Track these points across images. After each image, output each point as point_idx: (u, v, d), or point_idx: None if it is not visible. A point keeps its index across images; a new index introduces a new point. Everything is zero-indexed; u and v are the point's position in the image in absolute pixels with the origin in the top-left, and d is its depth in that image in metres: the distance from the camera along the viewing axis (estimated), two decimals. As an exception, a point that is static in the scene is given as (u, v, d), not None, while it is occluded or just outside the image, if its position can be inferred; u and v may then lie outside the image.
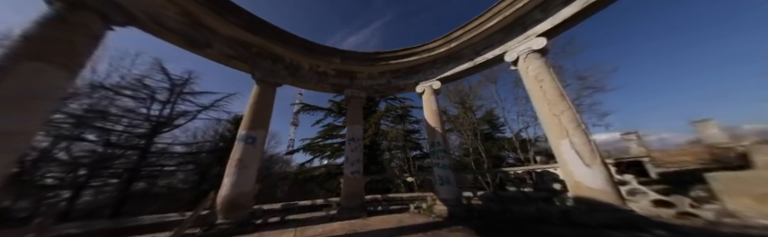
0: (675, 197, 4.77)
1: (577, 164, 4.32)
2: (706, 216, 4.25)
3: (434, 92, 7.65)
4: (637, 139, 12.44)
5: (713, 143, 10.21)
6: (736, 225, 3.76)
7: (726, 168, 6.13)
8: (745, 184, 4.31)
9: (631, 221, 3.78)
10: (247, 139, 5.53)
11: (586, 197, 4.19)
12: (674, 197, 4.79)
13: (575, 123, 4.63)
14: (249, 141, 5.52)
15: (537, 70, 5.37)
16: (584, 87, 14.26)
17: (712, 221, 4.08)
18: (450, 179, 6.17)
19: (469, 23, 6.43)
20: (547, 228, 4.09)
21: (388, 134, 17.38)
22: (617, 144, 16.37)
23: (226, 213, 4.90)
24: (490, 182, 13.97)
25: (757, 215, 3.92)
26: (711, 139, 10.74)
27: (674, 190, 5.08)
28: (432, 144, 7.00)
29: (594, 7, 4.90)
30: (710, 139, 10.77)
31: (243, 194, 5.07)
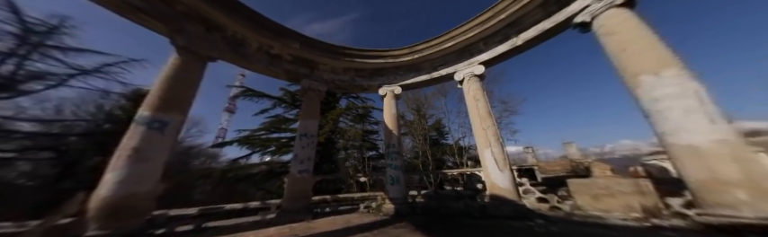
0: (549, 196, 6.20)
1: (494, 169, 5.31)
2: (565, 209, 5.66)
3: (395, 96, 7.86)
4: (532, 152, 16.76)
5: (572, 158, 14.09)
6: (581, 215, 5.15)
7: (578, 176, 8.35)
8: (586, 187, 5.96)
9: (524, 213, 4.77)
10: (153, 123, 4.08)
11: (498, 194, 5.13)
12: (549, 195, 6.22)
13: (496, 136, 5.72)
14: (155, 126, 4.09)
15: (475, 91, 6.40)
16: (504, 109, 17.83)
17: (568, 212, 5.46)
18: (401, 180, 6.39)
19: (431, 40, 7.17)
20: (470, 220, 4.77)
21: (347, 132, 16.64)
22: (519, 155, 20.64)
23: (105, 221, 3.40)
24: (432, 182, 15.01)
25: (592, 208, 5.47)
26: (572, 156, 14.95)
27: (550, 190, 6.59)
28: (387, 146, 7.07)
29: (519, 50, 6.23)
30: (571, 156, 14.97)
31: (135, 195, 3.67)
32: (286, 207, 5.70)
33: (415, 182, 9.41)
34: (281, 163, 13.85)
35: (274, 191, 12.45)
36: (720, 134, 3.05)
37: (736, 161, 2.92)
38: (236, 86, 19.03)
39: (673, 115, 3.38)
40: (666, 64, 3.58)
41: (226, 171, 13.45)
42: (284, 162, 13.74)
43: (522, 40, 5.80)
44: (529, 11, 5.51)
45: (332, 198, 7.99)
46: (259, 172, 13.61)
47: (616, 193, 5.29)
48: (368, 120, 18.38)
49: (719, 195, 2.98)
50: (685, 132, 3.26)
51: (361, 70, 8.15)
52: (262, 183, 13.41)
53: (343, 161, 17.37)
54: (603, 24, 4.40)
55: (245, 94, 14.98)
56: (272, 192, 12.72)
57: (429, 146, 18.40)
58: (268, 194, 12.81)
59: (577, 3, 4.80)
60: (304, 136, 6.64)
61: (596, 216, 4.91)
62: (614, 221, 4.45)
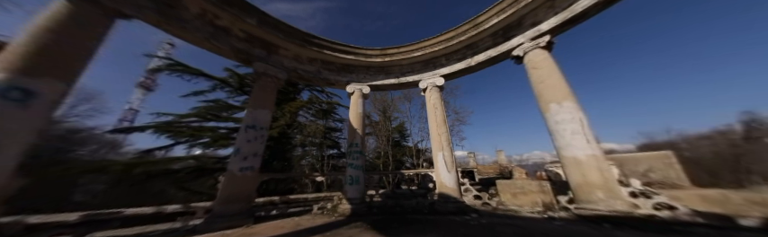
0: (483, 194, 7.22)
1: (444, 170, 5.85)
2: (493, 204, 6.70)
3: (363, 95, 7.58)
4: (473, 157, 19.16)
5: (501, 163, 16.65)
6: (502, 209, 6.18)
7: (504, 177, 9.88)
8: (508, 187, 7.18)
9: (463, 208, 5.45)
10: (10, 92, 2.77)
11: (445, 193, 5.69)
12: (482, 193, 7.25)
13: (448, 142, 6.32)
14: (14, 96, 2.78)
15: (435, 100, 6.94)
16: (456, 119, 19.40)
17: (494, 207, 6.49)
18: (360, 179, 6.25)
19: (402, 47, 7.24)
20: (420, 216, 5.16)
21: (306, 128, 14.86)
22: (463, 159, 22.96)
23: None
24: (391, 182, 15.07)
25: (511, 203, 6.62)
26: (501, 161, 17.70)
27: (483, 189, 7.68)
28: (350, 145, 6.76)
29: (472, 69, 7.06)
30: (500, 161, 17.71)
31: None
32: (219, 211, 4.60)
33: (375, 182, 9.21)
34: (216, 159, 11.05)
35: (205, 192, 9.99)
36: (592, 150, 4.18)
37: (599, 170, 4.05)
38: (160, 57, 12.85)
39: (565, 134, 4.44)
40: (566, 97, 4.69)
41: (131, 166, 9.52)
42: (221, 158, 11.07)
43: (475, 62, 6.64)
44: (482, 38, 6.35)
45: (281, 200, 7.05)
46: (183, 168, 10.34)
47: (527, 192, 6.53)
48: (332, 117, 16.74)
49: (588, 194, 4.06)
50: (571, 147, 4.34)
51: (330, 63, 7.46)
52: (186, 182, 10.28)
53: (299, 158, 15.43)
54: (531, 59, 5.43)
55: (173, 69, 10.83)
56: (200, 193, 10.06)
57: (391, 147, 18.66)
58: (195, 195, 10.02)
59: (516, 39, 5.79)
60: (252, 127, 5.43)
61: (513, 210, 5.99)
62: (524, 213, 5.51)
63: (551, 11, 5.12)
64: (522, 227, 3.98)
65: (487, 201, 6.89)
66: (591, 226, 3.77)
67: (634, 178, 4.92)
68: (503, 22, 5.72)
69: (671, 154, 5.87)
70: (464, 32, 6.29)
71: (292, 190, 12.00)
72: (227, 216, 4.58)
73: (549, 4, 5.13)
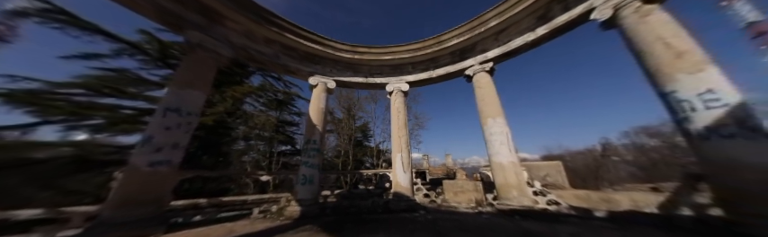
0: (431, 192, 7.79)
1: (400, 170, 6.00)
2: (438, 202, 7.29)
3: (328, 90, 6.86)
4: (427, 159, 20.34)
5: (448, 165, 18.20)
6: (446, 206, 6.74)
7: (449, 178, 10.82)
8: (452, 186, 7.93)
9: (413, 206, 5.56)
10: None
11: (399, 192, 5.81)
12: (431, 192, 7.81)
13: (407, 144, 6.53)
14: None
15: (399, 104, 7.10)
16: (415, 123, 19.95)
17: (439, 204, 7.06)
18: (315, 179, 5.66)
19: (373, 48, 7.00)
20: (374, 215, 5.12)
21: (254, 119, 12.40)
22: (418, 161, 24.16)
23: None
24: (348, 181, 14.20)
25: (453, 201, 7.32)
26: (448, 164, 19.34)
27: (432, 188, 8.28)
28: (307, 142, 6.07)
29: (433, 81, 7.51)
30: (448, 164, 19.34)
31: None
32: (110, 217, 3.38)
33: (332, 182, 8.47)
34: (111, 147, 8.15)
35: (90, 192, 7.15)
36: (512, 158, 5.02)
37: (515, 173, 4.88)
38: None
39: (495, 144, 5.21)
40: (499, 114, 5.51)
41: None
42: (121, 147, 8.20)
43: (436, 74, 7.18)
44: (443, 54, 6.93)
45: (209, 202, 5.56)
46: (53, 159, 7.34)
47: (465, 190, 7.33)
48: (288, 109, 14.55)
49: (506, 192, 4.83)
50: (499, 155, 5.12)
51: (292, 49, 6.36)
52: (57, 178, 7.27)
53: (241, 154, 12.85)
54: (478, 80, 6.19)
55: (49, 17, 7.23)
56: (79, 193, 7.17)
57: (353, 147, 17.68)
58: (69, 196, 7.06)
59: (468, 61, 6.51)
60: (175, 111, 4.10)
61: (453, 207, 6.62)
62: (462, 209, 6.15)
63: (496, 43, 5.98)
64: (459, 221, 4.46)
65: (434, 199, 7.47)
66: (507, 218, 4.46)
67: (536, 180, 6.08)
68: (460, 45, 6.41)
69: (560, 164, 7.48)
70: (429, 46, 6.70)
71: (227, 191, 9.74)
72: (124, 224, 3.34)
73: (494, 37, 5.97)
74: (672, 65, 3.04)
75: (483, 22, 5.69)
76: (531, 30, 5.27)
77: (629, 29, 3.60)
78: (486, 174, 9.02)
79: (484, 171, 9.51)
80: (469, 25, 5.94)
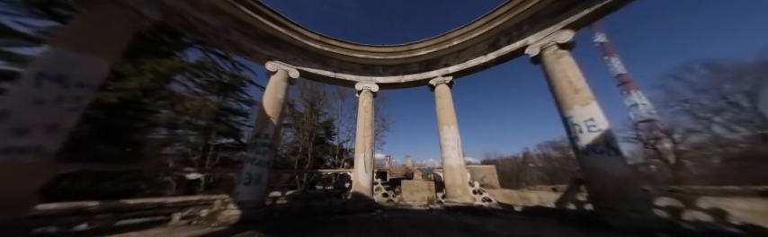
0: (390, 192, 8.16)
1: (362, 170, 5.93)
2: (396, 201, 7.69)
3: (289, 79, 5.95)
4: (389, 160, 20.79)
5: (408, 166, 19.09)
6: (402, 204, 7.17)
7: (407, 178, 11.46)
8: (409, 186, 8.48)
9: (372, 206, 5.62)
10: None
11: (359, 192, 5.74)
12: (389, 191, 8.18)
13: (371, 144, 6.47)
14: None
15: (367, 104, 6.98)
16: (381, 125, 19.40)
17: (396, 203, 7.47)
18: (262, 179, 4.84)
19: (346, 42, 6.57)
20: (330, 217, 4.86)
21: (186, 102, 9.96)
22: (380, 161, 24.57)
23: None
24: (304, 181, 13.07)
25: (409, 199, 7.83)
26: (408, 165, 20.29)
27: (391, 188, 8.66)
28: (257, 135, 5.04)
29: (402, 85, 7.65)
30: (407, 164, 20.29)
31: None
32: None
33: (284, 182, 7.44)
34: None
35: None
36: (460, 161, 5.70)
37: (461, 175, 5.56)
38: None
39: (448, 149, 5.84)
40: (453, 122, 6.17)
41: None
42: None
43: (405, 80, 7.42)
44: (412, 63, 7.25)
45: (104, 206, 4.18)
46: None
47: (420, 190, 7.93)
48: (236, 96, 12.21)
49: (453, 191, 5.46)
50: (450, 158, 5.74)
51: (248, 26, 5.33)
52: None
53: (161, 144, 10.10)
54: (439, 91, 6.75)
55: None
56: None
57: (313, 144, 16.04)
58: None
59: (433, 72, 7.03)
60: (56, 80, 3.00)
61: (408, 205, 7.09)
62: (416, 207, 6.64)
63: (456, 60, 6.63)
64: (412, 218, 4.77)
65: (392, 198, 7.85)
66: (451, 214, 5.02)
67: (476, 181, 7.02)
68: (428, 56, 6.82)
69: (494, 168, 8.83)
70: (400, 52, 6.83)
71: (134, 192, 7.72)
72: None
73: (455, 55, 6.62)
74: (571, 98, 3.99)
75: (448, 40, 6.24)
76: (483, 54, 6.05)
77: (548, 66, 4.55)
78: (439, 175, 9.86)
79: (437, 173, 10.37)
80: (436, 40, 6.42)
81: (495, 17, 5.36)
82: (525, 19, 5.12)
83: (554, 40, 4.55)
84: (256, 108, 7.79)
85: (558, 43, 4.50)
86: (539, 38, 4.88)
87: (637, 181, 3.60)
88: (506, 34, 5.56)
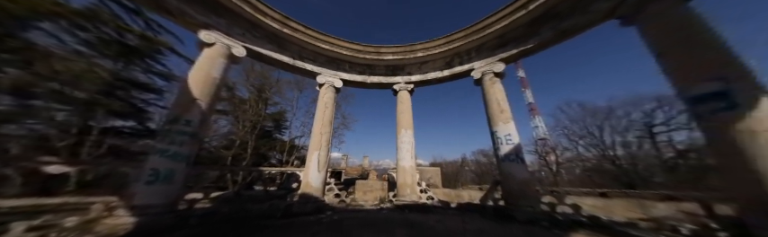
0: (342, 192, 8.07)
1: (314, 170, 5.46)
2: (348, 201, 7.67)
3: (231, 56, 4.83)
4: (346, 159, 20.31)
5: (364, 166, 19.22)
6: (354, 205, 7.25)
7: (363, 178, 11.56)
8: (363, 186, 8.61)
9: (321, 208, 5.29)
10: None
11: (308, 193, 5.29)
12: (342, 192, 8.07)
13: (327, 142, 6.00)
14: None
15: (329, 99, 6.45)
16: (342, 123, 18.44)
17: (348, 203, 7.47)
18: (175, 176, 3.68)
19: (312, 30, 5.93)
20: (268, 221, 4.18)
21: (56, 63, 7.07)
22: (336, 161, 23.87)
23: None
24: (239, 181, 11.07)
25: (361, 199, 7.93)
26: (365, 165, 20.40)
27: (345, 188, 8.57)
28: (175, 120, 3.88)
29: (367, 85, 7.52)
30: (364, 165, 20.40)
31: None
32: None
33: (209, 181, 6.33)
34: None
35: None
36: (412, 163, 6.15)
37: (412, 175, 6.01)
38: None
39: (403, 151, 6.22)
40: (410, 127, 6.60)
41: None
42: None
43: (370, 81, 7.36)
44: (379, 65, 7.30)
45: None
46: None
47: (374, 189, 8.14)
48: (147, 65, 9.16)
49: (403, 191, 5.85)
50: (404, 160, 6.13)
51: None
52: None
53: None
54: (401, 96, 7.10)
55: None
56: None
57: (256, 137, 13.35)
58: None
59: (397, 78, 7.30)
60: None
61: (360, 205, 7.20)
62: (368, 207, 6.80)
63: (419, 70, 7.10)
64: (362, 218, 4.78)
65: (344, 199, 7.80)
66: (400, 212, 5.36)
67: (423, 181, 7.70)
68: (394, 61, 7.01)
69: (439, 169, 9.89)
70: (369, 52, 6.72)
71: None
72: None
73: (418, 66, 7.07)
74: (498, 116, 4.91)
75: (413, 50, 6.61)
76: (440, 70, 6.69)
77: (485, 88, 5.48)
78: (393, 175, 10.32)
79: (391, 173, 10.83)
80: (403, 48, 6.68)
81: (452, 39, 6.05)
82: (474, 47, 5.99)
83: (492, 69, 5.50)
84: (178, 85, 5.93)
85: (494, 72, 5.46)
86: (482, 64, 5.80)
87: (533, 184, 4.69)
88: (459, 56, 6.35)
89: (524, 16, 4.80)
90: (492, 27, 5.33)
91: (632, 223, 3.88)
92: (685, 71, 2.98)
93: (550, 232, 3.51)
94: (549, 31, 4.70)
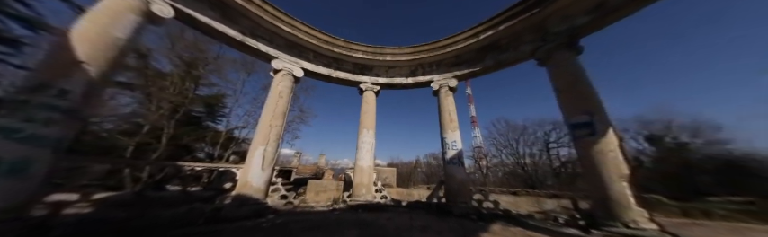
0: (290, 193, 7.43)
1: (257, 167, 4.56)
2: (295, 203, 7.08)
3: (149, 15, 3.74)
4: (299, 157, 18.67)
5: (320, 165, 18.22)
6: (303, 206, 6.73)
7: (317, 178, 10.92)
8: (316, 186, 8.14)
9: (261, 211, 4.45)
10: None
11: (245, 194, 4.39)
12: (290, 193, 7.44)
13: (278, 136, 5.06)
14: None
15: (285, 88, 5.48)
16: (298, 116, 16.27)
17: (296, 205, 6.89)
18: (31, 168, 2.57)
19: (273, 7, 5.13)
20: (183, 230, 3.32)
21: None
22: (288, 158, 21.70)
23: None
24: (145, 178, 8.59)
25: (312, 201, 7.44)
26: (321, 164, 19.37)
27: (295, 188, 7.90)
28: (40, 87, 2.74)
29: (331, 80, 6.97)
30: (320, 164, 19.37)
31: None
32: None
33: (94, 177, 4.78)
34: None
35: None
36: (371, 163, 6.19)
37: (369, 175, 6.05)
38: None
39: (363, 150, 6.21)
40: (372, 127, 6.61)
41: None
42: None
43: (335, 75, 6.77)
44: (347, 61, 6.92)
45: None
46: None
47: (328, 190, 7.79)
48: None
49: (359, 190, 5.82)
50: (363, 160, 6.13)
51: None
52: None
53: None
54: (366, 96, 7.05)
55: None
56: None
57: (175, 123, 10.42)
58: None
59: (365, 77, 7.17)
60: None
61: (310, 206, 6.73)
62: (319, 208, 6.39)
63: (386, 74, 7.25)
64: (311, 221, 4.38)
65: (292, 200, 7.18)
66: (353, 212, 5.22)
67: (379, 181, 7.86)
68: (363, 61, 6.90)
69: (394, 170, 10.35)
70: (338, 46, 6.36)
71: None
72: None
73: (386, 69, 7.21)
74: (447, 125, 5.56)
75: (382, 53, 6.71)
76: (405, 77, 7.06)
77: (440, 100, 6.15)
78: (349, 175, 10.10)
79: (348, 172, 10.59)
80: (374, 49, 6.68)
81: (419, 51, 6.49)
82: (435, 61, 6.61)
83: (447, 84, 6.19)
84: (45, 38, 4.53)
85: (449, 86, 6.16)
86: (440, 78, 6.45)
87: (468, 184, 5.42)
88: (422, 67, 6.86)
89: (475, 43, 5.66)
90: (451, 47, 6.03)
91: (531, 215, 4.95)
92: (570, 105, 3.95)
93: (476, 224, 4.12)
94: (491, 60, 5.66)
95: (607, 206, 3.24)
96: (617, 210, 3.15)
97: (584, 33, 4.23)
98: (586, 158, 3.59)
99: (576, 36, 4.24)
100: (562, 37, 4.31)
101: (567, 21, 4.31)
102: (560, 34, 4.36)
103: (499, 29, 5.10)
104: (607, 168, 3.31)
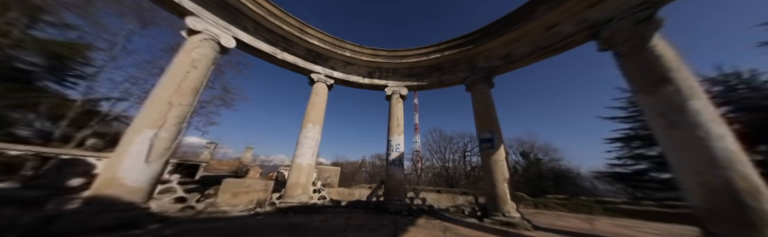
0: (191, 195, 5.54)
1: (138, 159, 3.23)
2: (198, 207, 5.34)
3: None
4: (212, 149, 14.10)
5: (243, 161, 14.75)
6: (210, 211, 5.22)
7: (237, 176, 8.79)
8: (234, 186, 6.48)
9: (136, 219, 3.12)
10: None
11: (109, 195, 3.02)
12: (192, 194, 5.56)
13: (180, 119, 3.69)
14: None
15: (201, 55, 4.01)
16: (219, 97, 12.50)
17: (199, 210, 5.20)
18: None
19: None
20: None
21: None
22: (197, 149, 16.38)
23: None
24: None
25: (226, 204, 5.83)
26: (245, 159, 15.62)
27: (200, 189, 5.97)
28: None
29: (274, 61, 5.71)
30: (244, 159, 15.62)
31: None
32: None
33: None
34: None
35: None
36: (312, 161, 5.55)
37: (308, 174, 5.43)
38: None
39: (305, 147, 5.48)
40: (319, 122, 5.96)
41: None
42: None
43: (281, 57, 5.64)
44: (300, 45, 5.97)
45: None
46: None
47: (251, 191, 6.35)
48: None
49: (293, 191, 5.08)
50: (303, 157, 5.41)
51: None
52: None
53: None
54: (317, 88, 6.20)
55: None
56: None
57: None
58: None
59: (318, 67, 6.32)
60: None
61: (222, 211, 5.25)
62: (234, 213, 5.08)
63: (343, 69, 6.77)
64: (217, 229, 3.47)
65: (193, 204, 5.38)
66: (281, 216, 4.48)
67: (320, 180, 7.20)
68: (318, 49, 6.15)
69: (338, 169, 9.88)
70: (290, 25, 5.44)
71: None
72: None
73: (343, 64, 6.75)
74: (394, 129, 6.08)
75: (342, 47, 6.24)
76: (361, 77, 6.92)
77: (391, 105, 6.74)
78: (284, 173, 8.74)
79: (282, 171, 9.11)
80: (333, 40, 6.09)
81: (377, 54, 6.59)
82: (391, 68, 6.99)
83: (399, 91, 6.74)
84: None
85: (400, 93, 6.71)
86: (393, 85, 6.99)
87: (405, 183, 5.81)
88: (380, 71, 7.10)
89: (425, 61, 6.45)
90: (406, 59, 6.54)
91: (448, 209, 5.84)
92: (481, 124, 5.19)
93: (407, 219, 4.46)
94: (435, 78, 6.64)
95: (494, 200, 4.40)
96: (500, 203, 4.31)
97: (498, 72, 5.67)
98: (486, 165, 4.74)
99: (492, 73, 5.66)
100: (484, 72, 5.65)
101: (489, 61, 5.70)
102: (483, 69, 5.70)
103: (445, 54, 6.02)
104: (497, 173, 4.55)
